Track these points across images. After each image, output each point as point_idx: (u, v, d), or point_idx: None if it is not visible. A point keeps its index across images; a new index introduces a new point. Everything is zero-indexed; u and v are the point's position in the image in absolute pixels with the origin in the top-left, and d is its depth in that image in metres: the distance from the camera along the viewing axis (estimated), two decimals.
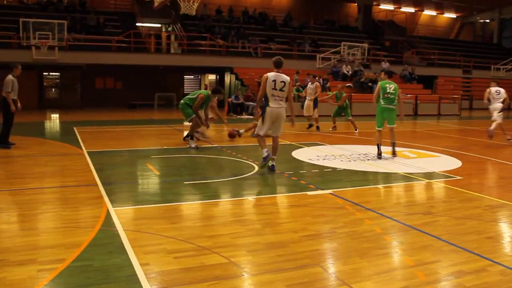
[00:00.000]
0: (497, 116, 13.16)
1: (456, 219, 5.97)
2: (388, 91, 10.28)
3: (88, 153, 9.73)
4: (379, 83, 10.58)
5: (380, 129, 10.41)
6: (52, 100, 23.67)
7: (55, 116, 19.23)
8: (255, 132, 8.38)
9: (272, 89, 7.82)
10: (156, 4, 15.05)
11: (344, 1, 35.42)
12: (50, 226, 5.08)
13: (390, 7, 37.34)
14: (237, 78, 24.16)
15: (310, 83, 15.55)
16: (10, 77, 10.17)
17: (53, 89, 24.21)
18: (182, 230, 5.02)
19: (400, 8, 37.91)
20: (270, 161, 8.12)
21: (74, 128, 14.01)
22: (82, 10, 25.01)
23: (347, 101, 15.74)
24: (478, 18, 42.18)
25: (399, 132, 13.51)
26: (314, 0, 33.29)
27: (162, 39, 28.56)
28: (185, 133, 11.96)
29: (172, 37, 27.36)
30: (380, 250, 4.67)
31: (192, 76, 26.23)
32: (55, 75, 23.93)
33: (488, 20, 42.61)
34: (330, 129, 15.36)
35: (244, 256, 4.36)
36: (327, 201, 6.46)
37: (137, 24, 26.17)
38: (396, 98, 10.29)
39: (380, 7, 36.64)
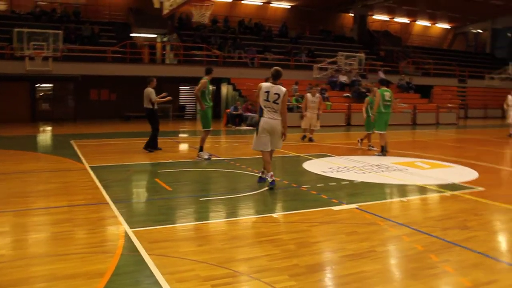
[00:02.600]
0: None
1: (496, 234, 5.64)
2: (386, 98, 11.60)
3: (91, 168, 9.25)
4: (379, 91, 11.72)
5: (385, 132, 11.70)
6: (45, 112, 23.06)
7: (49, 129, 18.65)
8: (255, 148, 7.80)
9: (265, 100, 7.42)
10: (165, 12, 14.64)
11: (339, 12, 35.34)
12: (65, 252, 4.59)
13: (385, 17, 37.37)
14: (234, 89, 23.80)
15: (309, 94, 14.72)
16: (149, 89, 11.30)
17: (46, 101, 23.61)
18: (212, 253, 4.58)
19: (394, 18, 37.95)
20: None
21: (72, 142, 13.50)
22: (76, 20, 24.55)
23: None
24: (471, 28, 42.40)
25: (406, 143, 13.27)
26: (309, 10, 33.17)
27: (157, 49, 28.16)
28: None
29: (168, 48, 26.96)
30: (430, 270, 4.29)
31: (188, 87, 25.78)
32: (48, 86, 23.36)
33: (480, 31, 42.86)
34: (371, 148, 12.78)
35: (287, 281, 3.94)
36: (356, 217, 6.07)
37: (132, 34, 25.75)
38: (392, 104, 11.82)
39: (375, 17, 36.65)
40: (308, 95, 14.54)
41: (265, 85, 7.52)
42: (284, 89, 7.45)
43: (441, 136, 18.58)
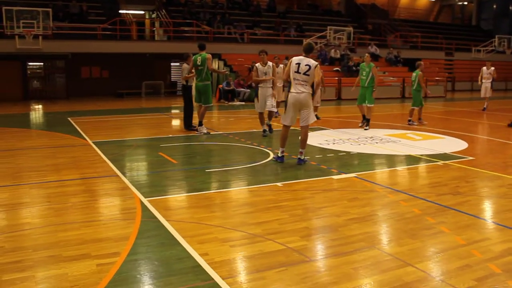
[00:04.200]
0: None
1: (486, 198, 6.03)
2: None
3: (95, 143, 9.47)
4: (373, 66, 12.04)
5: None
6: (37, 90, 22.94)
7: (43, 107, 18.67)
8: (281, 121, 8.04)
9: (295, 72, 7.43)
10: None
11: None
12: (87, 219, 4.89)
13: None
14: (225, 65, 23.88)
15: None
16: (185, 65, 11.47)
17: (37, 80, 23.46)
18: (225, 219, 4.91)
19: None
20: (299, 155, 7.75)
21: (69, 119, 13.63)
22: None
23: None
24: (457, 0, 42.59)
25: (396, 115, 13.65)
26: None
27: (145, 26, 27.96)
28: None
29: (157, 24, 26.82)
30: (427, 231, 4.67)
31: (179, 64, 25.76)
32: (39, 65, 23.19)
33: (466, 3, 43.07)
34: (421, 121, 13.09)
35: (299, 241, 4.29)
36: (356, 185, 6.44)
37: (121, 11, 25.54)
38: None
39: None
40: None
41: (296, 57, 7.59)
42: (315, 62, 7.48)
43: (430, 109, 18.98)
